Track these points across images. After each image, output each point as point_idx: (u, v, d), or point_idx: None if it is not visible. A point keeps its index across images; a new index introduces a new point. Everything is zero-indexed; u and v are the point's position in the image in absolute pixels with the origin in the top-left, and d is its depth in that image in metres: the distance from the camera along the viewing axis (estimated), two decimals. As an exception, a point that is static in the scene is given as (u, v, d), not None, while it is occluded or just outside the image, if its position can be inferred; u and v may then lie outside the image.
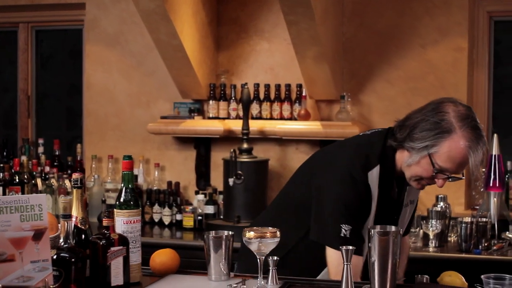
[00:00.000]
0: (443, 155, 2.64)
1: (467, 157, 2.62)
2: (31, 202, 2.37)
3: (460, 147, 2.62)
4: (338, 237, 2.71)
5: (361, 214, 2.76)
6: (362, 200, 2.76)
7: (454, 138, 2.62)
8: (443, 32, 4.74)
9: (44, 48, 5.87)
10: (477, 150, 2.62)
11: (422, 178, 2.73)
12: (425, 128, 2.66)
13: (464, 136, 2.61)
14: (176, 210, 4.95)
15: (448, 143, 2.62)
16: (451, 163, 2.65)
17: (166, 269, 2.70)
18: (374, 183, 2.78)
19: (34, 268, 2.34)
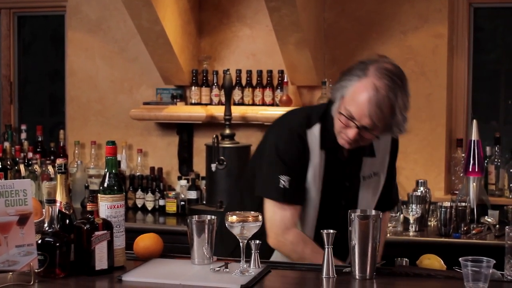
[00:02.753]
0: (350, 97, 2.66)
1: (367, 102, 2.61)
2: (16, 187, 2.40)
3: (363, 89, 2.62)
4: (277, 188, 2.78)
5: (298, 167, 2.80)
6: (299, 155, 2.80)
7: (363, 81, 2.63)
8: (423, 18, 4.77)
9: (26, 34, 5.86)
10: (380, 100, 2.60)
11: (341, 130, 2.73)
12: (346, 73, 2.70)
13: (372, 81, 2.62)
14: (159, 196, 4.97)
15: (357, 85, 2.64)
16: (354, 106, 2.64)
17: (150, 253, 2.72)
18: (315, 142, 2.82)
19: (19, 253, 2.37)
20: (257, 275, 2.48)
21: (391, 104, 2.61)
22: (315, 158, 2.82)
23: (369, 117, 2.62)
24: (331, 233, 2.47)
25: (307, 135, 2.81)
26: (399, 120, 2.65)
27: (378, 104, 2.60)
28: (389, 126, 2.67)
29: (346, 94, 2.67)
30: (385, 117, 2.63)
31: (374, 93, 2.60)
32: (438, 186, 4.78)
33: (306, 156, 2.81)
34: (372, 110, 2.61)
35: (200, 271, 2.55)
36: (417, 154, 4.81)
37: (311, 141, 2.81)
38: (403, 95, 2.66)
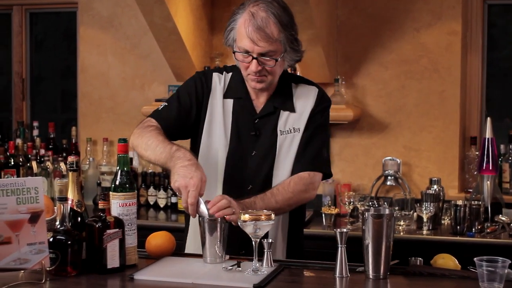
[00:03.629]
0: (237, 35, 2.79)
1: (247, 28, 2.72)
2: (27, 185, 2.39)
3: (241, 20, 2.75)
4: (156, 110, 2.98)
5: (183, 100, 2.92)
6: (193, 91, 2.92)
7: (242, 15, 2.77)
8: (437, 15, 4.74)
9: (38, 31, 5.86)
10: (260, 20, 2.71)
11: (245, 71, 2.83)
12: (229, 21, 2.84)
13: (247, 11, 2.75)
14: (171, 193, 4.96)
15: (238, 21, 2.77)
16: (243, 40, 2.75)
17: (162, 251, 2.72)
18: (218, 86, 2.93)
19: (30, 251, 2.37)
20: (269, 274, 2.46)
21: (272, 21, 2.72)
22: (215, 103, 2.91)
23: (258, 42, 2.72)
24: (344, 232, 2.46)
25: (212, 77, 2.95)
26: (288, 37, 2.77)
27: (260, 25, 2.71)
28: (283, 46, 2.76)
29: (235, 36, 2.80)
30: (273, 36, 2.73)
31: (253, 17, 2.72)
32: (452, 184, 4.75)
33: (201, 94, 2.93)
34: (257, 34, 2.71)
35: (212, 270, 2.54)
36: (431, 152, 4.78)
37: (214, 84, 2.94)
38: (283, 12, 2.77)
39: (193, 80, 2.98)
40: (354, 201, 4.39)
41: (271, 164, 2.89)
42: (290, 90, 2.96)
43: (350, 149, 4.90)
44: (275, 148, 2.90)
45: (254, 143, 2.90)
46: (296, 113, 2.93)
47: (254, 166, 2.89)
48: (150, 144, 2.78)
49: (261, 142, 2.90)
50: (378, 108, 4.84)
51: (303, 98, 2.94)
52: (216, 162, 2.89)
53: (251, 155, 2.90)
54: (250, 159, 2.89)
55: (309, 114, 2.93)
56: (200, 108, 2.93)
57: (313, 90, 2.98)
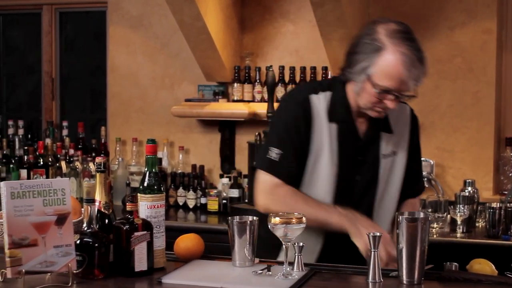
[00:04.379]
0: (380, 74, 2.62)
1: (402, 70, 2.59)
2: (54, 187, 2.36)
3: (393, 63, 2.59)
4: (266, 159, 2.75)
5: (293, 140, 2.75)
6: (298, 124, 2.75)
7: (386, 54, 2.60)
8: (471, 14, 4.66)
9: (68, 30, 5.85)
10: (411, 61, 2.59)
11: (374, 104, 2.69)
12: (359, 51, 2.66)
13: (396, 51, 2.59)
14: (200, 194, 4.93)
15: (382, 60, 2.61)
16: (390, 80, 2.61)
17: (191, 254, 2.67)
18: (321, 109, 2.76)
19: (57, 253, 2.33)
20: (300, 278, 2.41)
21: (418, 59, 2.62)
22: (321, 128, 2.76)
23: (408, 82, 2.62)
24: (377, 236, 2.39)
25: (311, 101, 2.76)
26: (425, 68, 2.68)
27: (412, 65, 2.59)
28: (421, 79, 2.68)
29: (372, 72, 2.62)
30: (420, 73, 2.63)
31: (404, 58, 2.59)
32: (486, 186, 4.66)
33: (307, 124, 2.76)
34: (409, 74, 2.60)
35: (241, 273, 2.49)
36: (465, 153, 4.70)
37: (314, 107, 2.76)
38: (419, 45, 2.67)
39: (293, 112, 2.77)
40: (386, 203, 4.31)
41: (375, 189, 2.84)
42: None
43: (382, 150, 4.82)
44: (377, 172, 2.84)
45: (359, 168, 2.83)
46: (394, 135, 2.86)
47: (359, 192, 2.82)
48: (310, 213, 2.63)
49: (366, 167, 2.83)
50: (411, 108, 4.75)
51: (398, 118, 2.86)
52: (323, 187, 2.79)
53: (356, 181, 2.83)
54: (355, 185, 2.82)
55: (409, 135, 2.90)
56: (309, 137, 2.78)
57: (405, 108, 2.92)
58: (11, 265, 2.27)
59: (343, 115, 2.78)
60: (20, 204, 2.29)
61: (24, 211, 2.30)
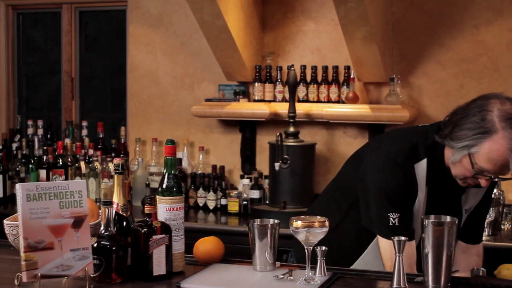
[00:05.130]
0: (483, 156, 2.50)
1: (508, 160, 2.46)
2: (71, 189, 2.32)
3: (500, 149, 2.47)
4: (387, 226, 2.63)
5: (407, 202, 2.66)
6: (407, 189, 2.65)
7: (495, 139, 2.47)
8: (497, 11, 4.58)
9: (89, 30, 5.83)
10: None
11: (466, 177, 2.60)
12: (466, 127, 2.52)
13: (506, 137, 2.46)
14: (221, 195, 4.88)
15: (488, 144, 2.48)
16: (491, 165, 2.50)
17: (210, 257, 2.63)
18: (422, 177, 2.66)
19: (73, 257, 2.30)
20: (323, 283, 2.36)
21: None
22: (420, 192, 2.68)
23: (505, 170, 2.52)
24: (402, 241, 2.32)
25: (415, 170, 2.66)
26: None
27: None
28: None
29: (475, 151, 2.51)
30: None
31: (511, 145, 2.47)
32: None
33: (414, 190, 2.67)
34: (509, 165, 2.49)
35: (262, 278, 2.44)
36: (490, 154, 4.60)
37: (418, 176, 2.67)
38: None
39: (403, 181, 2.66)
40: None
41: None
42: None
43: (405, 151, 4.75)
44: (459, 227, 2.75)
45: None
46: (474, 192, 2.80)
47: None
48: None
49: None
50: (435, 109, 4.69)
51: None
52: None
53: None
54: None
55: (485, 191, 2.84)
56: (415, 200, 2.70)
57: None
58: (26, 269, 2.24)
59: (437, 179, 2.69)
60: (36, 207, 2.27)
61: (40, 213, 2.27)
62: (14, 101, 5.91)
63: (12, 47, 5.88)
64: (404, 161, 2.67)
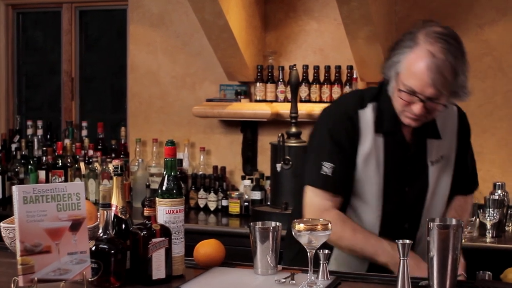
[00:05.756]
0: (406, 72, 2.52)
1: (425, 71, 2.46)
2: (69, 191, 2.27)
3: (420, 62, 2.48)
4: (318, 175, 2.65)
5: (344, 151, 2.66)
6: (349, 139, 2.66)
7: (415, 51, 2.50)
8: (502, 11, 4.55)
9: (91, 29, 5.79)
10: (440, 65, 2.45)
11: (404, 109, 2.58)
12: (395, 47, 2.58)
13: (425, 49, 2.47)
14: (222, 196, 4.84)
15: (409, 57, 2.51)
16: (413, 80, 2.49)
17: (211, 261, 2.59)
18: (368, 124, 2.67)
19: (71, 260, 2.25)
20: None
21: (451, 66, 2.46)
22: (367, 142, 2.67)
23: (432, 86, 2.48)
24: (407, 244, 2.27)
25: (359, 116, 2.68)
26: (462, 81, 2.52)
27: (439, 69, 2.45)
28: (454, 91, 2.53)
29: (401, 69, 2.53)
30: (449, 82, 2.48)
31: (431, 59, 2.45)
32: (516, 189, 4.53)
33: (355, 140, 2.67)
34: (433, 77, 2.46)
35: (264, 282, 2.40)
36: (494, 155, 4.58)
37: (363, 123, 2.68)
38: (461, 54, 2.52)
39: (343, 126, 2.68)
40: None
41: (424, 197, 2.75)
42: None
43: (408, 152, 4.71)
44: (427, 181, 2.74)
45: (407, 178, 2.74)
46: (443, 140, 2.75)
47: (410, 202, 2.73)
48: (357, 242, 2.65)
49: (414, 176, 2.74)
50: (439, 109, 4.64)
51: (446, 121, 2.76)
52: (371, 200, 2.71)
53: (405, 191, 2.74)
54: (405, 196, 2.74)
55: (456, 138, 2.79)
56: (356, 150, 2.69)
57: (452, 109, 2.80)
58: (23, 273, 2.19)
59: (390, 126, 2.68)
60: (33, 209, 2.21)
61: (37, 216, 2.21)
62: (14, 101, 5.88)
63: (12, 47, 5.84)
64: (346, 109, 2.70)
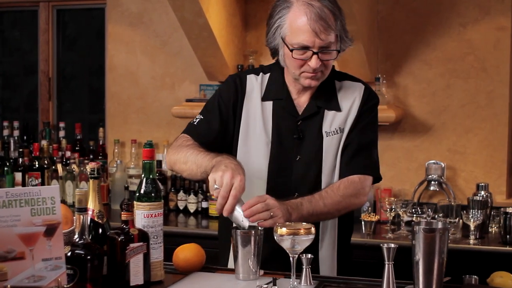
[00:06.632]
0: (290, 32, 2.59)
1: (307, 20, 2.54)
2: (43, 195, 2.20)
3: (298, 13, 2.57)
4: (189, 124, 2.81)
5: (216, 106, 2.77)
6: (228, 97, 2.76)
7: (293, 10, 2.58)
8: (484, 10, 4.50)
9: (69, 29, 5.70)
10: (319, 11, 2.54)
11: (301, 70, 2.63)
12: (271, 16, 2.65)
13: (300, 5, 2.57)
14: (202, 197, 4.77)
15: (289, 17, 2.59)
16: (299, 35, 2.57)
17: (190, 266, 2.54)
18: (255, 88, 2.77)
19: (46, 267, 2.18)
20: (309, 293, 2.26)
21: (329, 10, 2.58)
22: (254, 107, 2.75)
23: (319, 33, 2.55)
24: (392, 248, 2.23)
25: (246, 79, 2.79)
26: (343, 25, 2.64)
27: (319, 16, 2.55)
28: (340, 35, 2.62)
29: (286, 31, 2.61)
30: (332, 26, 2.58)
31: (309, 9, 2.56)
32: (499, 190, 4.51)
33: (236, 100, 2.77)
34: (317, 25, 2.55)
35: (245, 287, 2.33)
36: (477, 155, 4.54)
37: (249, 85, 2.79)
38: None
39: (226, 86, 2.82)
40: (396, 207, 4.14)
41: (318, 169, 2.71)
42: (334, 87, 2.77)
43: (391, 152, 4.67)
44: (321, 151, 2.71)
45: (298, 147, 2.72)
46: (342, 112, 2.74)
47: (300, 172, 2.70)
48: (189, 155, 2.62)
49: (306, 145, 2.72)
50: (421, 109, 4.61)
51: (348, 96, 2.76)
52: (257, 170, 2.70)
53: (295, 160, 2.72)
54: (294, 165, 2.71)
55: (356, 113, 2.75)
56: (238, 114, 2.76)
57: (358, 87, 2.80)
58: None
59: (278, 93, 2.75)
60: (6, 214, 2.14)
61: (10, 221, 2.14)
62: (-10, 102, 5.79)
63: (-13, 46, 5.75)
64: (237, 74, 2.88)
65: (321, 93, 2.73)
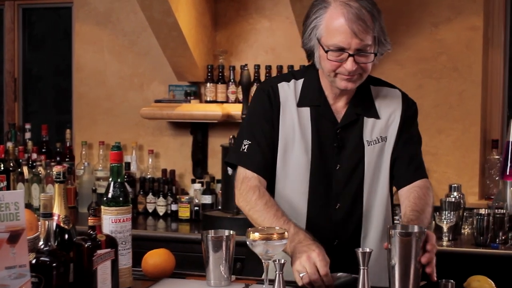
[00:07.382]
0: (326, 33, 2.51)
1: (345, 22, 2.46)
2: (6, 200, 2.11)
3: (335, 14, 2.49)
4: (237, 151, 2.66)
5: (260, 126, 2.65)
6: (265, 113, 2.65)
7: (330, 11, 2.50)
8: (457, 10, 4.49)
9: (36, 29, 5.61)
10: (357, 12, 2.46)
11: (335, 70, 2.54)
12: (308, 17, 2.57)
13: (338, 6, 2.49)
14: (171, 200, 4.71)
15: (326, 17, 2.51)
16: (336, 36, 2.49)
17: (160, 272, 2.49)
18: (290, 96, 2.66)
19: (9, 275, 2.09)
20: (282, 300, 2.20)
21: (368, 11, 2.49)
22: (291, 115, 2.64)
23: (356, 35, 2.47)
24: (367, 252, 2.18)
25: (279, 88, 2.67)
26: (382, 27, 2.55)
27: (357, 17, 2.47)
28: (378, 37, 2.53)
29: (322, 33, 2.53)
30: (370, 27, 2.49)
31: (347, 10, 2.47)
32: (472, 191, 4.50)
33: (274, 112, 2.65)
34: (354, 26, 2.46)
35: (217, 295, 2.27)
36: (449, 156, 4.53)
37: (282, 94, 2.67)
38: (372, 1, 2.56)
39: (259, 100, 2.69)
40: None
41: (360, 178, 2.63)
42: (370, 93, 2.69)
43: (362, 153, 4.63)
44: (363, 160, 2.63)
45: (337, 156, 2.63)
46: (381, 120, 2.66)
47: (341, 180, 2.62)
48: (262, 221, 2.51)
49: (346, 154, 2.63)
50: (393, 109, 4.57)
51: (387, 103, 2.70)
52: (298, 180, 2.62)
53: (335, 169, 2.63)
54: (334, 174, 2.62)
55: (399, 121, 2.68)
56: (278, 126, 2.65)
57: (397, 93, 2.75)
58: (-45, 290, 2.03)
59: (314, 99, 2.65)
60: (-33, 220, 2.06)
61: (-29, 228, 2.05)
62: (-47, 103, 5.67)
63: (-49, 46, 5.63)
64: (264, 85, 2.74)
65: (358, 99, 2.64)
